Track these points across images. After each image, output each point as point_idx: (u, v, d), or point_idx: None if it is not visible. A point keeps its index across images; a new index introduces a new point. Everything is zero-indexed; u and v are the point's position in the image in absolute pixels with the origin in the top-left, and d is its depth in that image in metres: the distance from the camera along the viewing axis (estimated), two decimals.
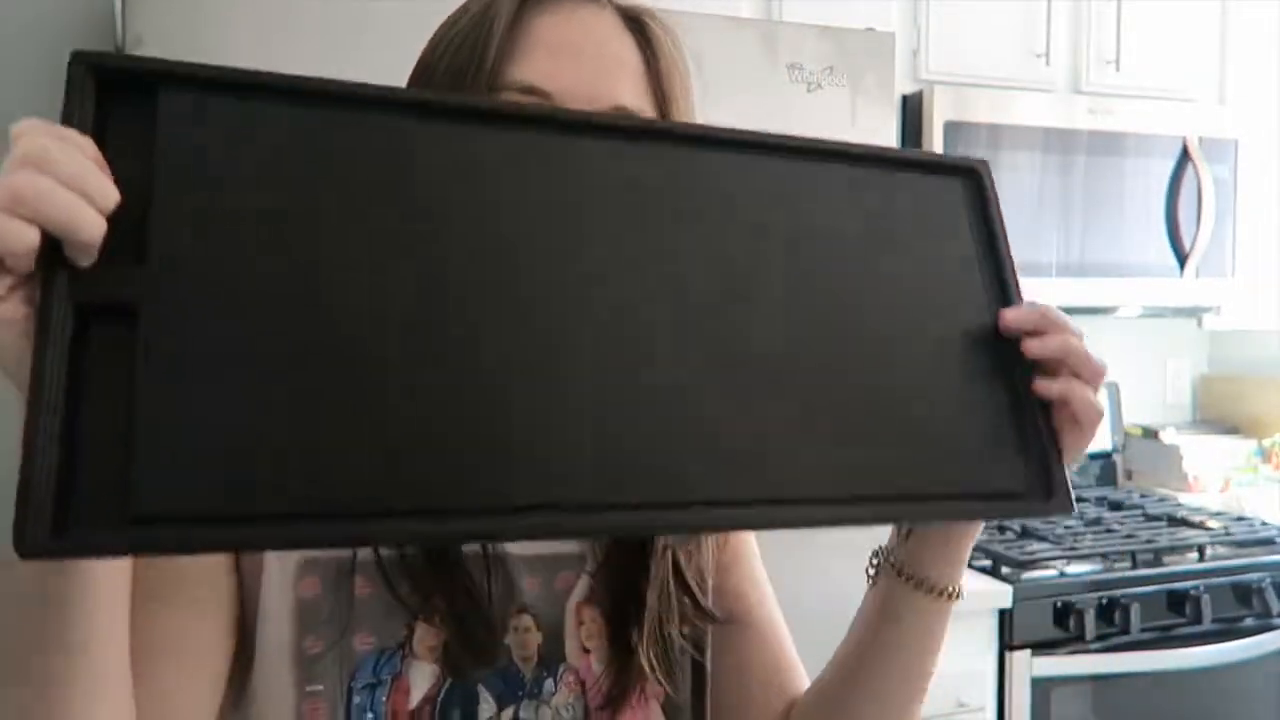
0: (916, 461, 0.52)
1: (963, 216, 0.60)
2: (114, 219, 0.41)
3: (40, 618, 0.45)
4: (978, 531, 0.62)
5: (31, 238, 0.38)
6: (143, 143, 0.44)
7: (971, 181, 0.61)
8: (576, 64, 0.59)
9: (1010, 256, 0.59)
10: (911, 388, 0.54)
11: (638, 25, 0.62)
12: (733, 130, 0.56)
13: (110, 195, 0.41)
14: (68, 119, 0.42)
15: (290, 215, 0.45)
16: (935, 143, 1.86)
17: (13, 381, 0.41)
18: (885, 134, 1.50)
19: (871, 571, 0.65)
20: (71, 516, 0.38)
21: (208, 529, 0.40)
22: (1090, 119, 1.98)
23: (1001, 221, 0.60)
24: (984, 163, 0.62)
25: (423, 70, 0.62)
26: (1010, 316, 0.56)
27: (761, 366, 0.51)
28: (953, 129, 1.86)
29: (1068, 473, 0.55)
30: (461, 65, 0.59)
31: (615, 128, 0.55)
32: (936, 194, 0.60)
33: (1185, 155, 2.05)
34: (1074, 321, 0.56)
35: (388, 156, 0.48)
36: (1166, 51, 2.14)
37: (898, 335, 0.55)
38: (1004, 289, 0.58)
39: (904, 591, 0.62)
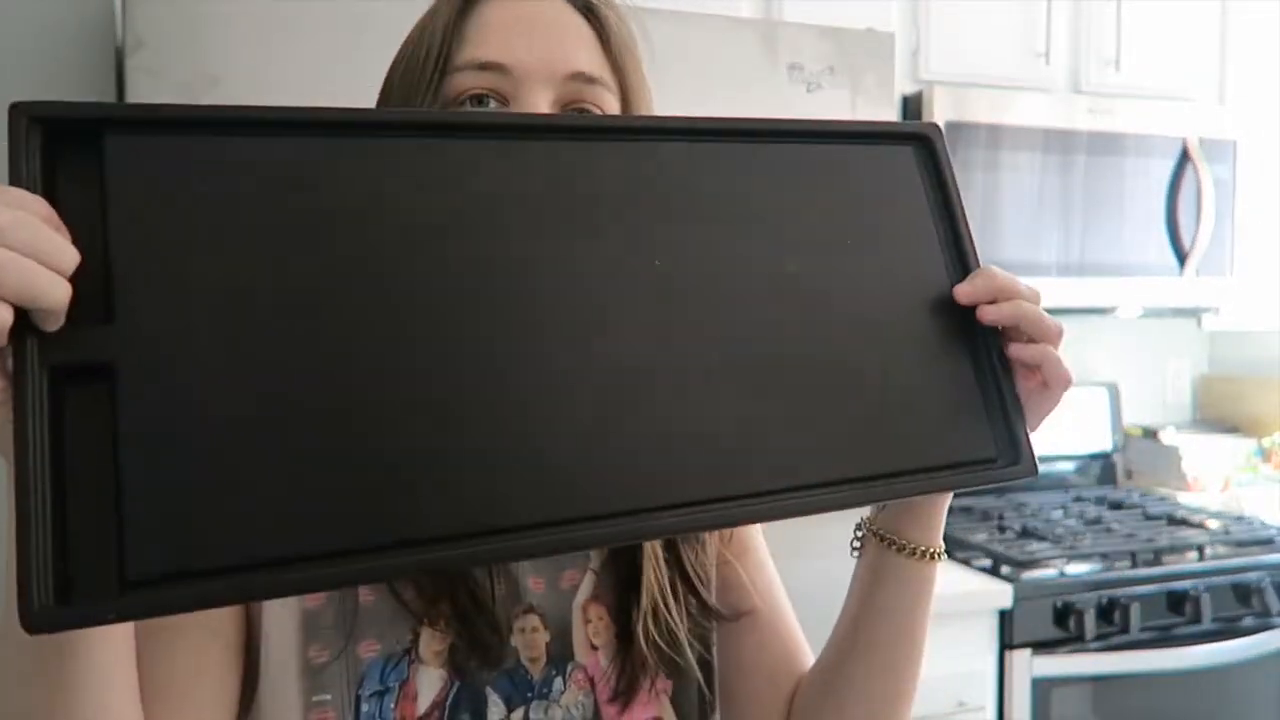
0: (887, 440, 0.53)
1: (918, 183, 0.60)
2: (77, 276, 0.40)
3: (42, 661, 0.45)
4: (950, 496, 0.63)
5: (3, 317, 0.37)
6: (95, 190, 0.43)
7: (924, 147, 0.61)
8: (529, 38, 0.59)
9: (965, 220, 0.59)
10: (879, 365, 0.54)
11: (587, 8, 0.63)
12: (682, 119, 0.55)
13: (69, 257, 0.40)
14: (15, 177, 0.41)
15: (251, 252, 0.44)
16: None
17: (1, 454, 0.40)
18: None
19: (856, 544, 0.66)
20: (74, 586, 0.38)
21: (207, 583, 0.39)
22: (1090, 119, 1.98)
23: (955, 185, 0.60)
24: (935, 127, 0.61)
25: (387, 78, 0.63)
26: (964, 291, 0.57)
27: (726, 359, 0.51)
28: (953, 129, 1.85)
29: (1032, 436, 0.56)
30: (416, 60, 0.60)
31: (562, 128, 0.54)
32: (891, 163, 0.59)
33: (1185, 155, 2.05)
34: (1050, 309, 0.57)
35: (341, 180, 0.47)
36: (1166, 51, 2.14)
37: (861, 313, 0.55)
38: (961, 255, 0.58)
39: (889, 557, 0.63)
